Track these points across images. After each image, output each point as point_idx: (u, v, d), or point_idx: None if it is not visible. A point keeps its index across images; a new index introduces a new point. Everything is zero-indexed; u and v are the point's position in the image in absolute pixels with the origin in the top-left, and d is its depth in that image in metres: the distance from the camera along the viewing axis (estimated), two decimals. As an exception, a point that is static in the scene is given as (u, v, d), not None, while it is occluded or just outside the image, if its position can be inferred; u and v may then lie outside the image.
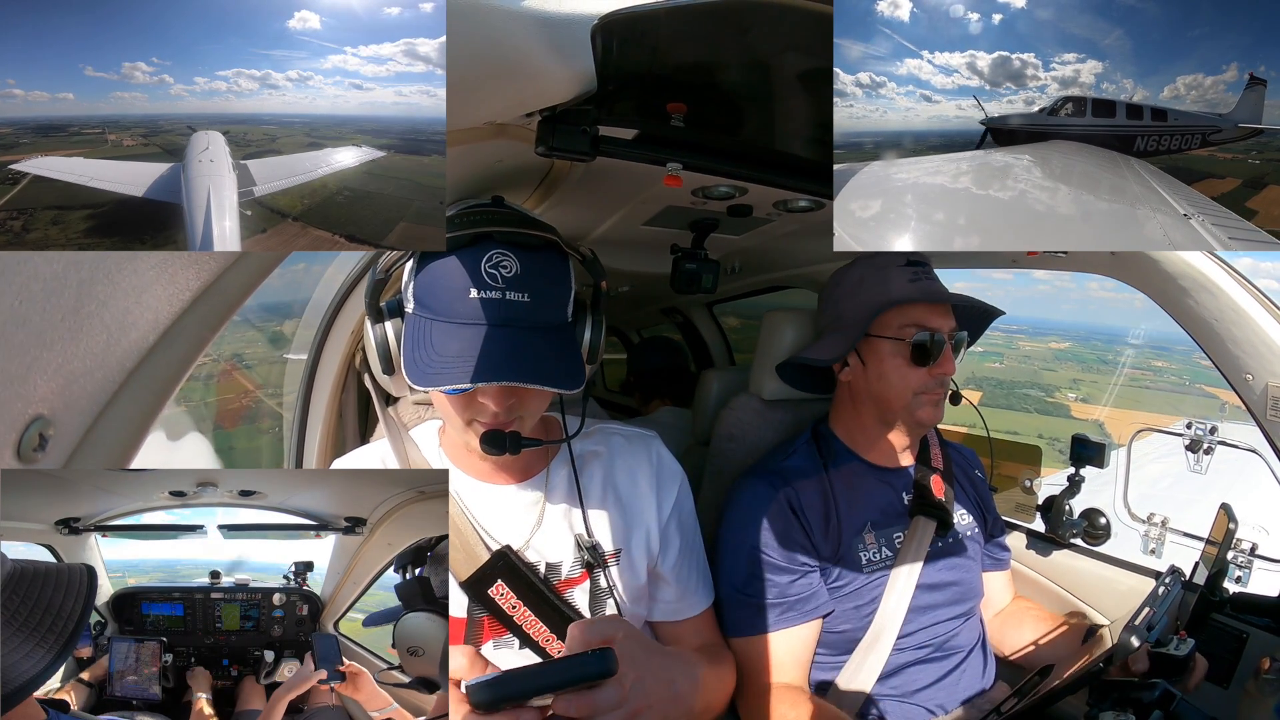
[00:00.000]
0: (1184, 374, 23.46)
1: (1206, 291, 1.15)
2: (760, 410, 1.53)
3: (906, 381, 1.23)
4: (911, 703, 1.20)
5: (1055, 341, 32.64)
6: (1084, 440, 1.57)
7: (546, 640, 0.96)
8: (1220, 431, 1.41)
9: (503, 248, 0.84)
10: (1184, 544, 1.46)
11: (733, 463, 1.51)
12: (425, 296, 0.85)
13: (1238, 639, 1.18)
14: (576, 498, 1.00)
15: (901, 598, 1.20)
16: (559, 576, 0.99)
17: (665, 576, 1.07)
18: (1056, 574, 1.57)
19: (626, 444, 1.08)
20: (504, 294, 0.83)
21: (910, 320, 1.23)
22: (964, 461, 1.45)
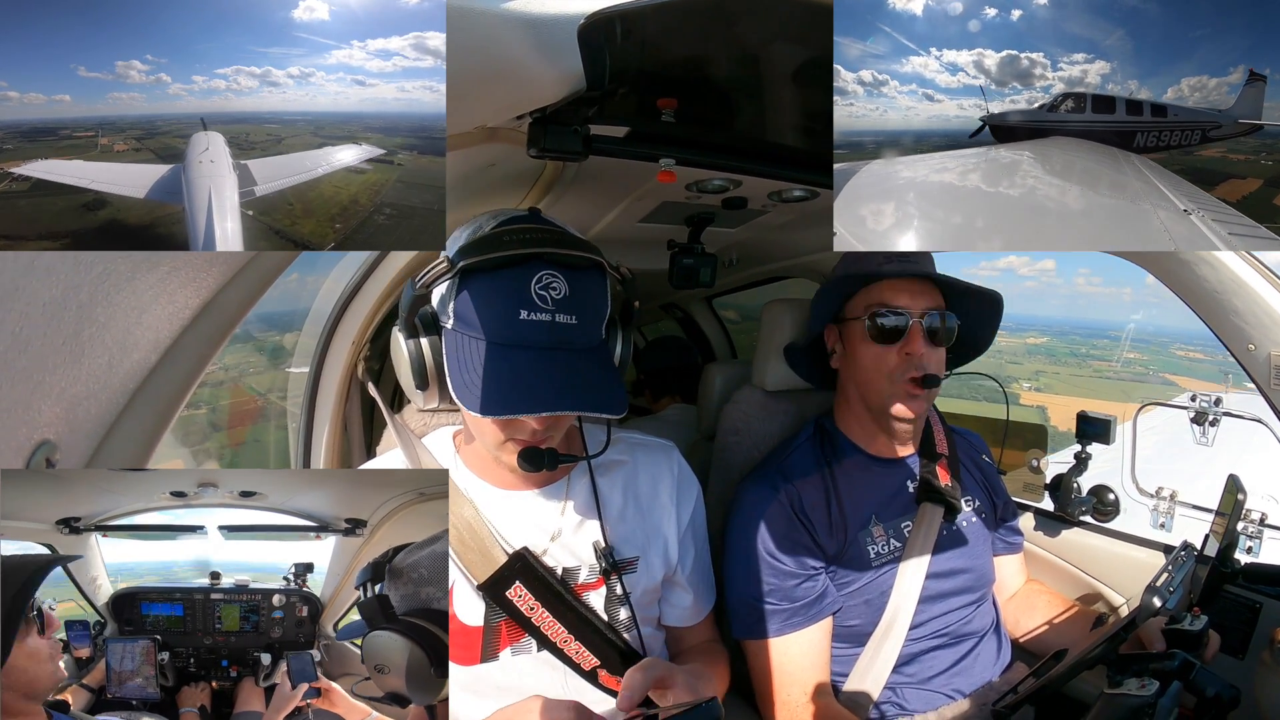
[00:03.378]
0: (1151, 364, 23.83)
1: (1207, 264, 1.14)
2: (764, 402, 1.52)
3: (878, 364, 1.20)
4: (929, 689, 1.20)
5: (1033, 337, 33.10)
6: (1089, 417, 1.55)
7: (564, 641, 0.96)
8: (1225, 403, 1.40)
9: (551, 268, 0.83)
10: (1194, 517, 1.46)
11: (738, 456, 1.50)
12: (469, 314, 0.83)
13: (1251, 609, 1.19)
14: (595, 506, 1.00)
15: (912, 588, 1.19)
16: (576, 581, 0.99)
17: (682, 584, 1.08)
18: (1068, 552, 1.56)
19: (649, 455, 1.09)
20: (554, 316, 0.82)
21: (876, 299, 1.20)
22: (970, 447, 1.42)
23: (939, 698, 1.20)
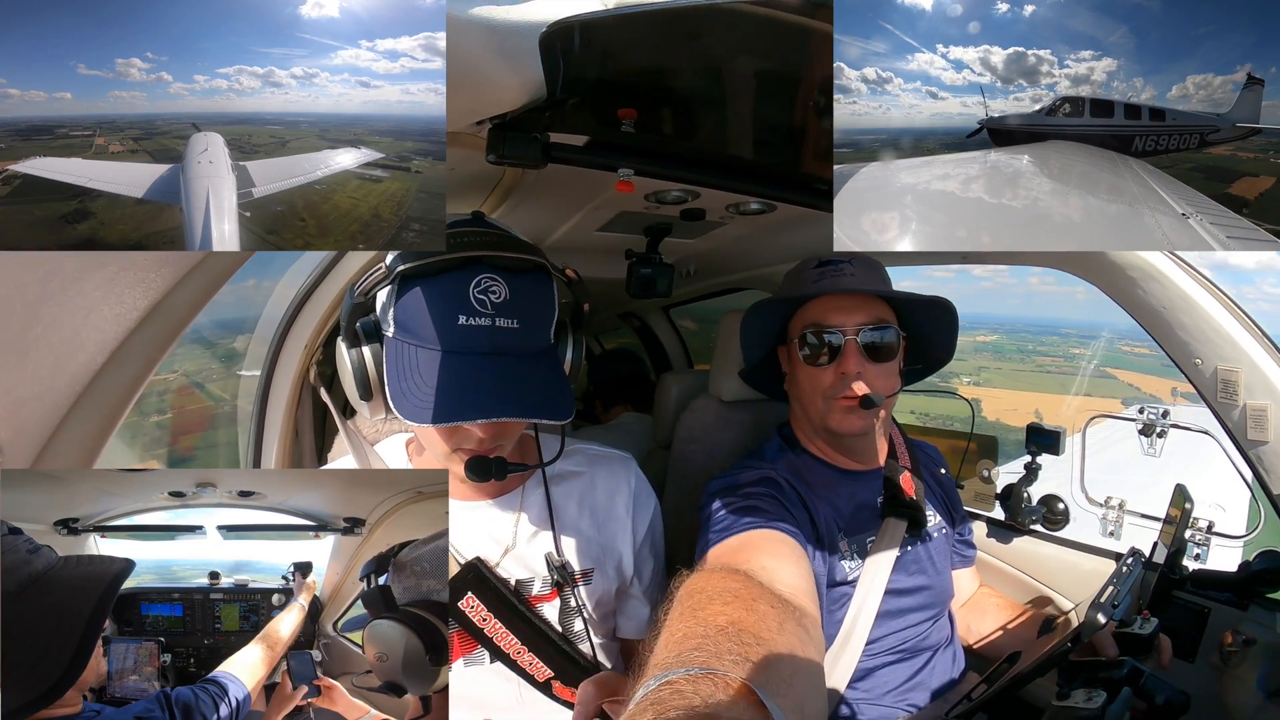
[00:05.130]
0: (1094, 359, 24.32)
1: (1154, 281, 1.17)
2: (720, 412, 1.53)
3: (814, 384, 1.20)
4: (883, 705, 1.19)
5: (983, 335, 33.71)
6: (1040, 429, 1.58)
7: (518, 653, 0.96)
8: (1172, 415, 1.44)
9: (491, 271, 0.82)
10: (1143, 525, 1.49)
11: (694, 465, 1.52)
12: (409, 321, 0.82)
13: (1200, 614, 1.22)
14: (549, 517, 1.00)
15: (870, 604, 1.17)
16: (529, 592, 0.99)
17: (639, 596, 1.08)
18: (1019, 560, 1.59)
19: (606, 467, 1.07)
20: (494, 320, 0.81)
21: (809, 320, 1.20)
22: (928, 460, 1.41)
23: (895, 712, 1.19)
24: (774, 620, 0.55)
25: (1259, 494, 1.20)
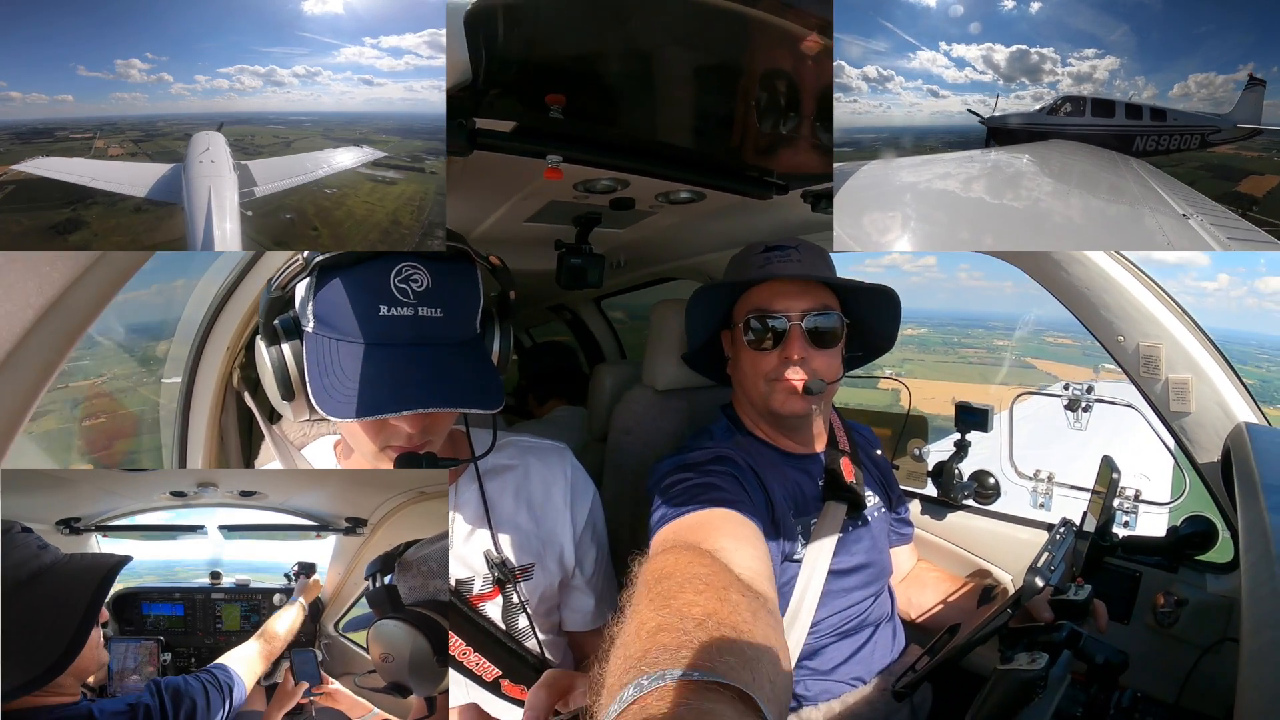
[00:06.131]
0: (1017, 350, 24.85)
1: (1078, 263, 1.20)
2: (655, 401, 1.53)
3: (756, 368, 1.21)
4: (830, 679, 1.21)
5: (911, 328, 34.22)
6: (968, 407, 1.61)
7: (464, 654, 0.95)
8: (1097, 390, 1.48)
9: (413, 259, 0.79)
10: (1072, 496, 1.54)
11: (631, 455, 1.52)
12: (328, 314, 0.80)
13: (1132, 579, 1.30)
14: (485, 513, 0.98)
15: (814, 584, 1.18)
16: (470, 592, 0.97)
17: (582, 587, 1.07)
18: (955, 535, 1.62)
19: (540, 458, 1.05)
20: (416, 310, 0.79)
21: (754, 305, 1.20)
22: (865, 442, 1.44)
23: (841, 686, 1.21)
24: (747, 611, 0.55)
25: (1183, 462, 1.24)
